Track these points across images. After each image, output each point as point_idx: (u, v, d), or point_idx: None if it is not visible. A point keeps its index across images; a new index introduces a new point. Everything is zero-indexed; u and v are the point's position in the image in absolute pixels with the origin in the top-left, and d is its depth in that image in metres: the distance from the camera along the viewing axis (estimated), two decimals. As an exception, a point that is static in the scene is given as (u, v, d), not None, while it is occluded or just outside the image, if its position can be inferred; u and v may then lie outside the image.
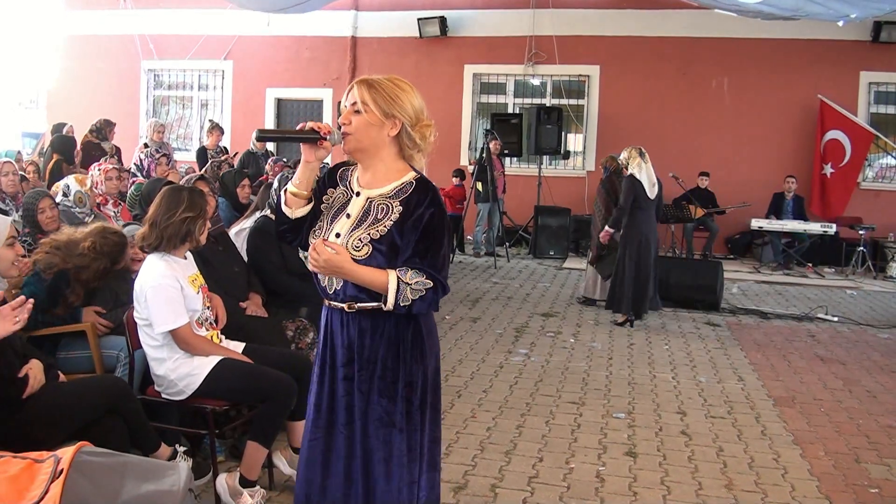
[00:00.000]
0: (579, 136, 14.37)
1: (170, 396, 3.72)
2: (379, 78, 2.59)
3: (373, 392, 2.59)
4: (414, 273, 2.48)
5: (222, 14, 14.32)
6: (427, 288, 2.49)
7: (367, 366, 2.59)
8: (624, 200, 7.93)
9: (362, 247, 2.53)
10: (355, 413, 2.60)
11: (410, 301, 2.48)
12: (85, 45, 15.61)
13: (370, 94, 2.55)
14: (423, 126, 2.61)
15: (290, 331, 4.59)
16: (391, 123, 2.56)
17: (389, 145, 2.60)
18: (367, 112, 2.55)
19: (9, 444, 2.78)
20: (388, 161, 2.62)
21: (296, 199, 2.65)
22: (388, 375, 2.58)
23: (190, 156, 14.26)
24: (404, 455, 2.59)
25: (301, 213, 2.66)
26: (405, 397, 2.59)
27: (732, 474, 4.39)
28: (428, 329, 2.66)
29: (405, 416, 2.59)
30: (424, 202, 2.54)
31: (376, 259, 2.52)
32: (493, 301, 9.03)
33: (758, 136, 13.24)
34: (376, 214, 2.57)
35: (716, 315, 8.64)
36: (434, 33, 14.20)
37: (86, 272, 4.22)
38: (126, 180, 7.50)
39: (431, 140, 2.66)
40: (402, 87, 2.58)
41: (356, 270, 2.51)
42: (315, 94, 15.08)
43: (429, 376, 2.64)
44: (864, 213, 12.52)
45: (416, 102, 2.59)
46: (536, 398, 5.62)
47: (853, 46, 12.84)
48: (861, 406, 5.70)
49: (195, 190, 3.94)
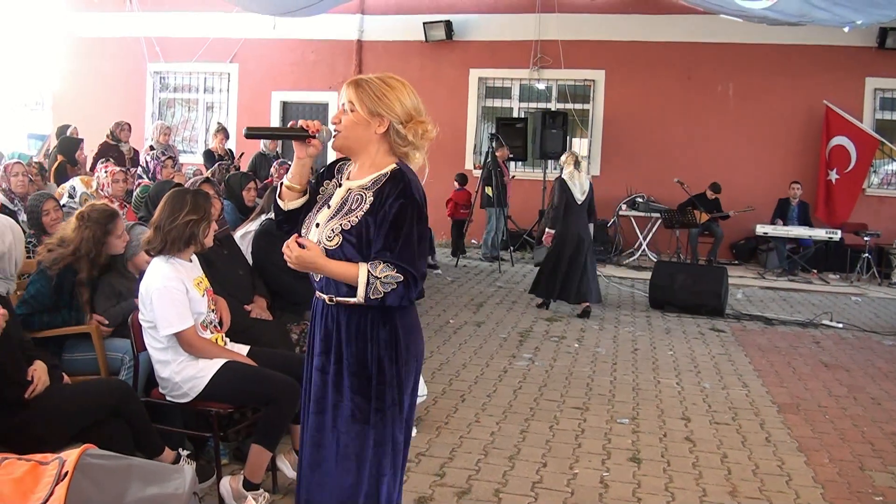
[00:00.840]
0: (584, 141, 14.35)
1: (174, 399, 3.73)
2: (369, 77, 2.63)
3: (344, 387, 2.62)
4: (385, 266, 2.49)
5: (228, 17, 14.34)
6: (398, 281, 2.49)
7: (340, 359, 2.63)
8: (557, 202, 8.55)
9: (334, 237, 2.57)
10: (327, 403, 2.65)
11: (382, 294, 2.48)
12: (91, 47, 15.65)
13: (356, 94, 2.60)
14: (416, 123, 2.62)
15: (295, 334, 4.60)
16: (378, 121, 2.60)
17: (378, 143, 2.64)
18: (354, 111, 2.61)
19: (13, 445, 2.79)
20: (376, 158, 2.66)
21: (290, 193, 2.77)
22: (361, 372, 2.61)
23: (195, 158, 14.30)
24: (370, 449, 2.62)
25: (293, 206, 2.78)
26: (378, 395, 2.61)
27: (736, 481, 4.38)
28: (406, 329, 2.66)
29: (375, 413, 2.62)
30: (394, 193, 2.55)
31: (346, 249, 2.56)
32: (497, 305, 9.03)
33: (763, 141, 13.23)
34: (350, 205, 2.61)
35: (720, 321, 8.62)
36: (439, 37, 14.21)
37: (85, 247, 4.24)
38: (132, 182, 7.52)
39: (430, 137, 2.67)
40: (390, 85, 2.61)
41: (328, 265, 2.54)
42: (320, 97, 15.09)
43: (402, 377, 2.64)
44: (870, 219, 12.51)
45: (406, 100, 2.61)
46: (540, 403, 5.61)
47: (859, 52, 12.83)
48: (865, 413, 5.69)
49: (200, 193, 3.95)
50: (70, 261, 4.22)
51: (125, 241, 4.44)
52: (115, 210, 4.54)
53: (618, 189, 13.40)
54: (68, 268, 4.23)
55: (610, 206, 13.47)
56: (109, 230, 4.33)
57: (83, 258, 4.24)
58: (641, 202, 13.11)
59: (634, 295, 10.09)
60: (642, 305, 9.36)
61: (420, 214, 2.58)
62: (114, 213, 4.45)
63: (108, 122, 10.98)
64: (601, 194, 13.57)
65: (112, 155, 9.39)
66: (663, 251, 13.12)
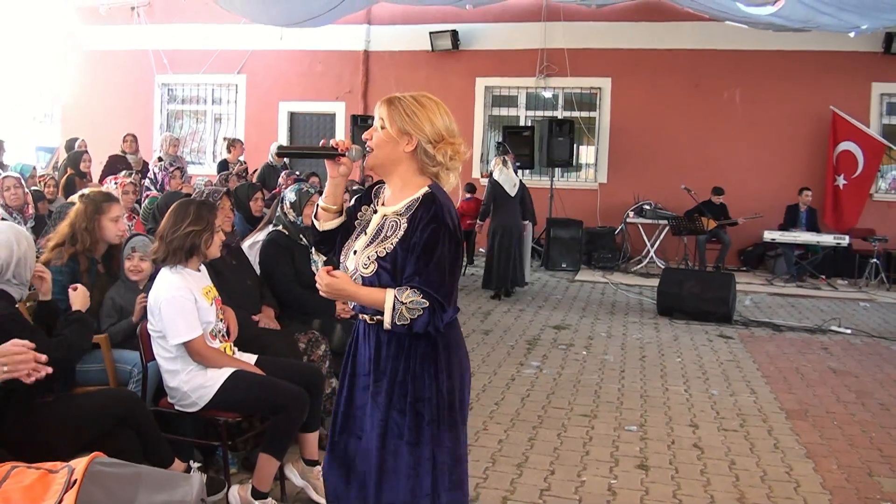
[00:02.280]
0: (591, 149, 14.39)
1: (183, 408, 3.75)
2: (402, 95, 2.62)
3: (385, 403, 2.60)
4: (411, 292, 2.47)
5: (236, 28, 14.43)
6: (423, 307, 2.46)
7: (381, 377, 2.61)
8: (486, 198, 10.00)
9: (370, 264, 2.56)
10: (371, 422, 2.63)
11: (409, 320, 2.47)
12: (99, 59, 15.76)
13: (388, 111, 2.60)
14: (447, 144, 2.62)
15: (303, 343, 4.61)
16: (406, 140, 2.59)
17: (407, 161, 2.62)
18: (385, 129, 2.60)
19: (22, 454, 2.81)
20: (406, 177, 2.65)
21: (325, 214, 2.76)
22: (397, 388, 2.59)
23: (203, 169, 14.39)
24: (411, 468, 2.58)
25: (329, 227, 2.77)
26: (415, 411, 2.57)
27: (745, 487, 4.37)
28: (446, 345, 2.62)
29: (413, 430, 2.57)
30: (426, 218, 2.54)
31: (381, 276, 2.55)
32: (505, 314, 9.04)
33: (770, 147, 13.23)
34: (386, 232, 2.60)
35: (728, 327, 8.61)
36: (446, 47, 14.28)
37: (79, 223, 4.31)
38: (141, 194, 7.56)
39: (461, 159, 2.67)
40: (422, 104, 2.60)
41: (357, 292, 2.55)
42: (328, 107, 15.17)
43: (444, 392, 2.60)
44: (877, 224, 12.48)
45: (437, 120, 2.61)
46: (548, 411, 5.61)
47: (865, 58, 12.83)
48: (874, 419, 5.68)
49: (204, 203, 3.96)
50: (72, 252, 4.28)
51: (121, 231, 4.44)
52: (114, 195, 4.59)
53: (625, 196, 13.42)
54: (74, 260, 4.28)
55: (617, 213, 13.51)
56: (103, 209, 4.36)
57: (79, 245, 4.30)
58: (649, 209, 13.12)
59: (643, 302, 10.09)
60: (650, 312, 9.36)
61: (451, 239, 2.54)
62: (111, 195, 4.50)
63: (117, 134, 11.11)
64: (609, 202, 13.75)
65: (121, 167, 9.45)
66: (671, 258, 13.12)
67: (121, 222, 4.47)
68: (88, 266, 4.36)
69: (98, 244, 4.42)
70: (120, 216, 4.47)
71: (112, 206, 4.43)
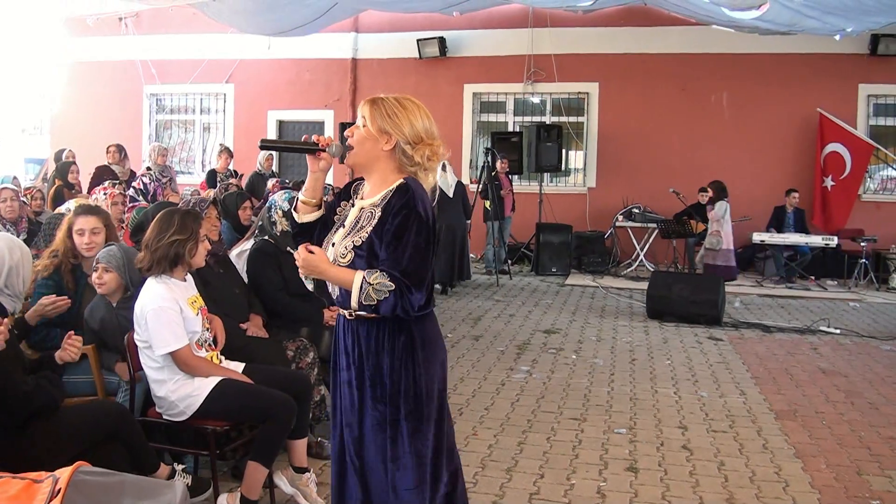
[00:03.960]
0: (579, 154, 14.43)
1: (171, 417, 3.75)
2: (385, 96, 2.73)
3: (366, 397, 2.69)
4: (379, 275, 2.55)
5: (223, 38, 14.43)
6: (389, 290, 2.54)
7: (361, 372, 2.70)
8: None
9: (347, 253, 2.66)
10: (354, 415, 2.73)
11: (375, 301, 2.54)
12: (88, 70, 15.74)
13: (370, 110, 2.71)
14: (425, 145, 2.71)
15: (291, 351, 4.61)
16: (385, 139, 2.69)
17: (385, 160, 2.72)
18: (366, 127, 2.70)
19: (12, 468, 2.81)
20: (385, 175, 2.74)
21: (304, 207, 2.87)
22: (377, 382, 2.68)
23: (193, 179, 14.38)
24: (392, 461, 2.67)
25: (308, 220, 2.88)
26: (394, 405, 2.66)
27: (734, 488, 4.39)
28: (423, 340, 2.71)
29: (391, 424, 2.67)
30: (398, 205, 2.63)
31: (357, 264, 2.64)
32: (496, 319, 9.05)
33: (758, 150, 13.29)
34: (361, 222, 2.69)
35: (718, 329, 8.64)
36: (433, 54, 14.31)
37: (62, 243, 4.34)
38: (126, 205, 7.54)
39: (438, 160, 2.76)
40: (403, 106, 2.70)
41: (330, 270, 2.64)
42: (316, 115, 15.18)
43: (422, 386, 2.69)
44: (866, 224, 12.53)
45: (417, 122, 2.70)
46: (538, 415, 5.62)
47: (852, 60, 12.91)
48: (863, 418, 5.70)
49: (189, 213, 3.95)
50: (56, 263, 4.30)
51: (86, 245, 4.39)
52: (89, 206, 4.58)
53: (614, 200, 13.46)
54: (59, 273, 4.28)
55: (607, 217, 13.54)
56: (72, 221, 4.39)
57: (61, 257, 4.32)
58: (638, 213, 13.15)
59: (632, 305, 10.11)
60: (640, 316, 9.38)
61: (422, 225, 2.62)
62: (84, 206, 4.51)
63: (106, 144, 11.07)
64: (598, 206, 13.80)
65: (107, 177, 9.43)
66: (660, 261, 13.15)
67: (86, 235, 4.39)
68: (74, 278, 4.35)
69: (80, 257, 4.40)
70: (85, 229, 4.39)
71: (77, 218, 4.41)
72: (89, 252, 4.38)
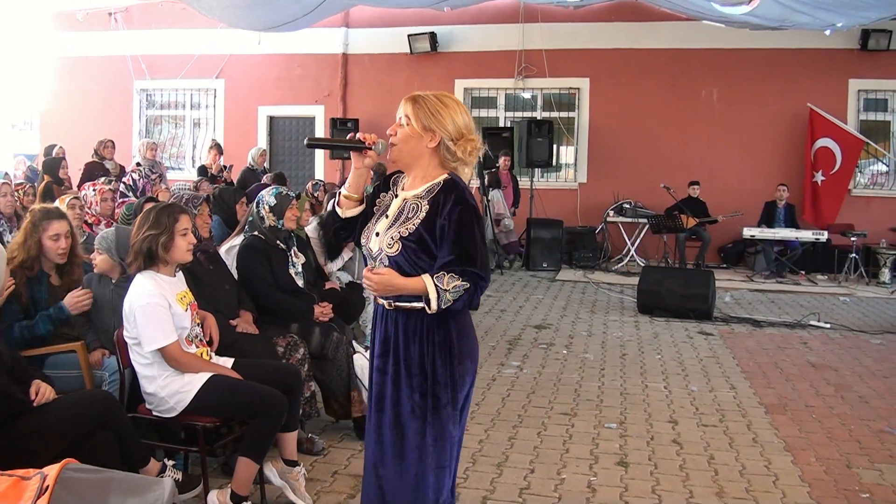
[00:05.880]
0: (570, 149, 14.45)
1: (161, 414, 3.73)
2: (427, 94, 2.81)
3: (402, 385, 2.78)
4: (451, 277, 2.65)
5: (213, 34, 14.38)
6: (465, 289, 2.65)
7: (395, 359, 2.79)
8: None
9: (393, 244, 2.74)
10: (386, 402, 2.82)
11: (451, 302, 2.66)
12: (77, 66, 15.66)
13: (413, 109, 2.78)
14: (466, 141, 2.79)
15: (281, 346, 4.60)
16: (430, 136, 2.77)
17: (429, 156, 2.81)
18: (409, 125, 2.78)
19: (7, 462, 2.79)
20: (427, 170, 2.83)
21: (347, 202, 2.95)
22: (412, 371, 2.76)
23: (183, 174, 14.34)
24: (430, 445, 2.78)
25: (351, 214, 2.95)
26: (433, 394, 2.76)
27: (724, 482, 4.40)
28: (460, 332, 2.80)
29: (434, 410, 2.77)
30: (450, 200, 2.71)
31: (405, 254, 2.73)
32: (486, 314, 9.05)
33: (748, 145, 13.32)
34: (407, 213, 2.77)
35: (708, 324, 8.66)
36: (424, 49, 14.30)
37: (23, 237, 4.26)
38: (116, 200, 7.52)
39: (477, 154, 2.84)
40: (445, 104, 2.78)
41: (405, 284, 2.70)
42: (307, 111, 15.16)
43: (456, 377, 2.79)
44: (856, 219, 12.59)
45: (458, 119, 2.78)
46: (528, 410, 5.63)
47: (842, 55, 12.94)
48: (853, 412, 5.72)
49: (167, 208, 3.88)
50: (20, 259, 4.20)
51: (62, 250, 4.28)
52: (57, 210, 4.48)
53: (605, 195, 13.47)
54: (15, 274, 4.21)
55: (597, 212, 13.56)
56: (43, 227, 4.24)
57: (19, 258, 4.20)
58: (629, 208, 13.17)
59: (623, 300, 10.12)
60: (631, 311, 9.39)
61: (476, 216, 2.73)
62: (52, 212, 4.35)
63: (96, 140, 11.02)
64: (588, 201, 13.82)
65: (99, 173, 9.40)
66: (651, 256, 13.17)
67: (62, 239, 4.28)
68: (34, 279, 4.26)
69: (40, 260, 4.29)
70: (60, 234, 4.27)
71: (51, 223, 4.26)
72: (62, 258, 4.32)
